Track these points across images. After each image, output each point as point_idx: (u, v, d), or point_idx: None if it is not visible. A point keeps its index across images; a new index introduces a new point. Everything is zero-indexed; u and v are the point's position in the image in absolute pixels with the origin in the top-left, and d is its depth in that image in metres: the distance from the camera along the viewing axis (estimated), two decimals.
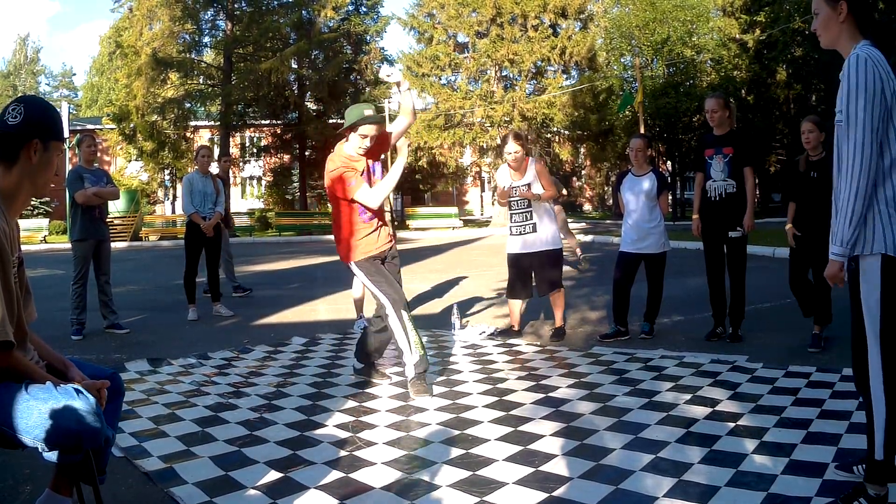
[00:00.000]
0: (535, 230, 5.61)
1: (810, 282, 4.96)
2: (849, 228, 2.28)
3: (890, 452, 2.28)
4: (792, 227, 5.02)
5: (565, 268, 6.35)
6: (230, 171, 9.39)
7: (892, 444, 2.27)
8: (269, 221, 28.74)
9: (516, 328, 5.93)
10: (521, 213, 5.65)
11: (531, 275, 5.77)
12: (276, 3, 29.41)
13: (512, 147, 5.54)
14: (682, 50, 28.58)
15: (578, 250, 11.22)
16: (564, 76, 30.70)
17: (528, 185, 5.59)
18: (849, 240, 2.29)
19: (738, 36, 29.40)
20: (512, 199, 5.64)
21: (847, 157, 2.28)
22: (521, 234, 5.67)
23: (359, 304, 6.32)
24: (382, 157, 4.42)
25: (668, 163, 32.46)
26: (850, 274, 2.37)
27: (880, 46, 2.36)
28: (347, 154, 4.20)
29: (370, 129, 4.11)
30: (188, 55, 28.40)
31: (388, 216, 4.52)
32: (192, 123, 30.58)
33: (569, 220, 12.27)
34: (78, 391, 1.94)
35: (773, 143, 30.44)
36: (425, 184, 36.53)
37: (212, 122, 30.70)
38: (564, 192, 6.48)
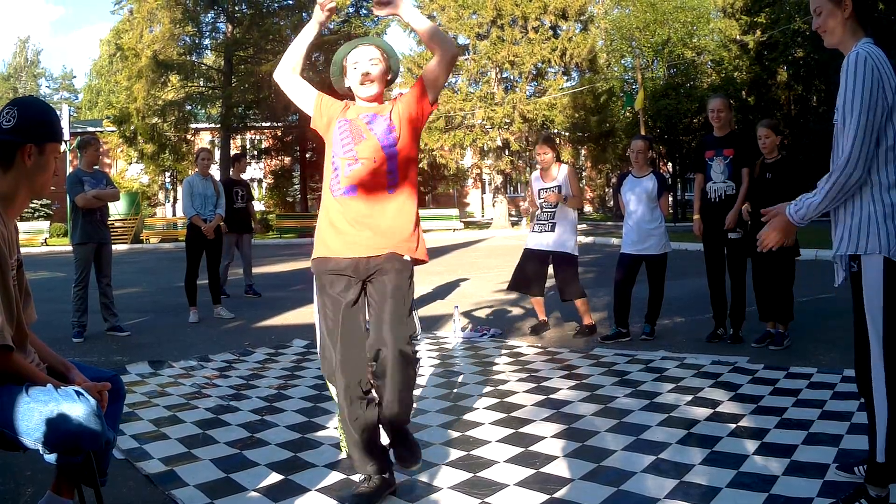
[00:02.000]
0: (553, 230, 5.78)
1: (770, 282, 5.05)
2: (815, 210, 2.35)
3: (892, 455, 2.27)
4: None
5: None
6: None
7: (893, 446, 2.26)
8: (270, 224, 28.75)
9: (543, 319, 6.10)
10: (547, 211, 5.85)
11: (542, 273, 5.93)
12: (276, 5, 29.43)
13: (540, 149, 5.94)
14: (682, 51, 28.60)
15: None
16: (565, 78, 30.68)
17: (559, 187, 5.79)
18: (808, 218, 2.36)
19: (738, 37, 29.40)
20: (540, 199, 5.89)
21: (841, 154, 2.28)
22: (541, 231, 5.86)
23: None
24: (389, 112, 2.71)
25: (669, 164, 32.46)
26: (852, 276, 2.36)
27: (881, 44, 2.35)
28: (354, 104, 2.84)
29: (359, 54, 2.73)
30: (189, 58, 28.40)
31: (377, 209, 2.64)
32: (193, 126, 30.57)
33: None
34: (79, 393, 1.94)
35: None
36: (426, 186, 36.53)
37: (212, 125, 30.71)
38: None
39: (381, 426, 2.68)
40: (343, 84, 2.82)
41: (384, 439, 2.74)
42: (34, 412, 1.88)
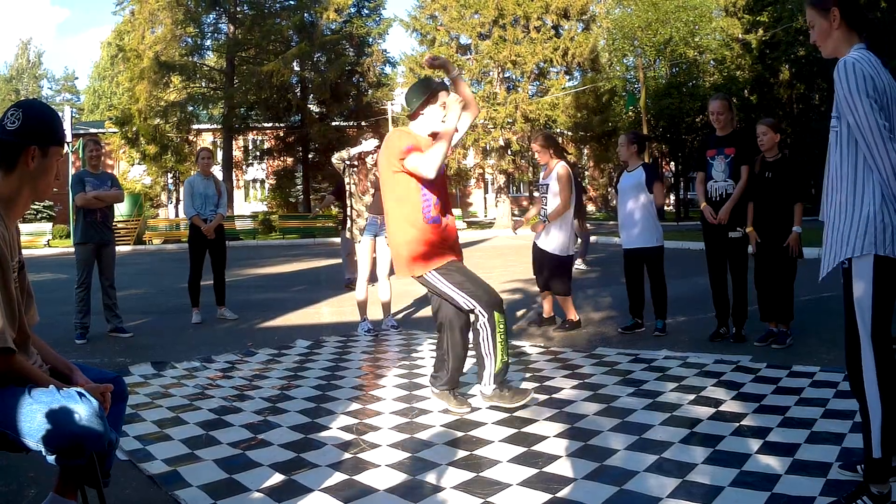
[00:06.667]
0: (548, 228, 5.97)
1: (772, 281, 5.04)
2: None
3: (888, 450, 2.27)
4: (753, 230, 5.07)
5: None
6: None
7: (889, 441, 2.26)
8: (273, 224, 28.80)
9: (545, 316, 6.23)
10: (543, 208, 6.03)
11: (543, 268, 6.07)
12: (278, 5, 29.51)
13: (532, 142, 6.18)
14: (684, 50, 28.57)
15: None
16: (567, 77, 30.71)
17: (547, 185, 5.94)
18: None
19: (740, 36, 29.39)
20: (541, 194, 6.09)
21: (873, 165, 2.26)
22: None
23: (362, 306, 6.31)
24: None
25: (672, 163, 32.45)
26: (843, 275, 2.37)
27: (879, 46, 2.37)
28: (416, 133, 3.67)
29: (447, 96, 3.63)
30: (190, 58, 28.49)
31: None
32: (195, 127, 30.70)
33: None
34: (81, 394, 1.94)
35: None
36: None
37: (214, 126, 30.80)
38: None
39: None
40: (426, 100, 3.59)
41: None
42: (37, 413, 1.88)
